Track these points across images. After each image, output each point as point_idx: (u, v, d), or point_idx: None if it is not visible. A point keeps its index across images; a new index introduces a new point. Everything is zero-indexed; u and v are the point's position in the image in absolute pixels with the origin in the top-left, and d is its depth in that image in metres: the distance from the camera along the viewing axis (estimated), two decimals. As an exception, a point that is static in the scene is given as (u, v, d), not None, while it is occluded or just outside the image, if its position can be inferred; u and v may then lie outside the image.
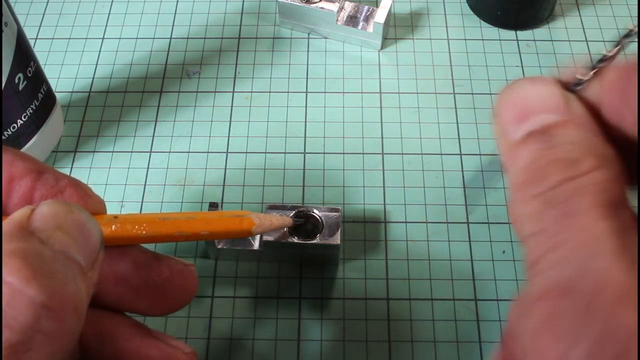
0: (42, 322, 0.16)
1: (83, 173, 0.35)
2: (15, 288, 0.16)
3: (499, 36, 0.40)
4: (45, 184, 0.21)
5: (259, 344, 0.29)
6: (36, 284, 0.16)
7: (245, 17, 0.42)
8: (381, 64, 0.39)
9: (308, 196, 0.34)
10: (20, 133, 0.32)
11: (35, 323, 0.16)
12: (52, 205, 0.19)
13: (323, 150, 0.36)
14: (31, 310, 0.16)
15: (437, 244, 0.32)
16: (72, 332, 0.17)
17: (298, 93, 0.38)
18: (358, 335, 0.30)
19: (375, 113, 0.37)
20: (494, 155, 0.22)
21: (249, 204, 0.34)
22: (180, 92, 0.38)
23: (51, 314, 0.16)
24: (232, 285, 0.31)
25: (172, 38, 0.41)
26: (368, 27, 0.39)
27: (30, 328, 0.16)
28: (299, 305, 0.31)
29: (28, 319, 0.16)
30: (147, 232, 0.22)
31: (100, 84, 0.39)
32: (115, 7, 0.42)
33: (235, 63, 0.39)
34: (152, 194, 0.34)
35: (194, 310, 0.30)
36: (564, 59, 0.39)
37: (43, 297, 0.16)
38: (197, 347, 0.29)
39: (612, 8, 0.42)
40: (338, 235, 0.29)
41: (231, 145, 0.36)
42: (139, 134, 0.36)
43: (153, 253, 0.24)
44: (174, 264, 0.24)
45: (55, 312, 0.16)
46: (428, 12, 0.42)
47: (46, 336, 0.16)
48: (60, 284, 0.17)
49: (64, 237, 0.18)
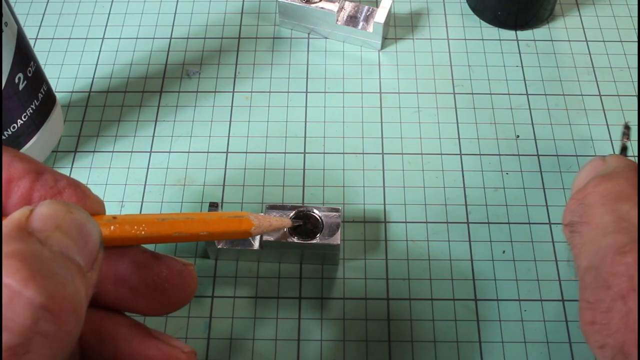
0: (41, 323, 0.16)
1: (83, 173, 0.35)
2: (13, 290, 0.16)
3: (499, 36, 0.40)
4: (44, 184, 0.21)
5: (259, 344, 0.29)
6: (35, 285, 0.16)
7: (245, 17, 0.42)
8: (381, 64, 0.39)
9: (308, 196, 0.34)
10: (20, 133, 0.32)
11: (34, 325, 0.16)
12: (51, 205, 0.19)
13: (323, 150, 0.36)
14: (30, 311, 0.16)
15: (437, 244, 0.32)
16: (71, 333, 0.17)
17: (298, 93, 0.38)
18: (358, 335, 0.30)
19: (375, 113, 0.37)
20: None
21: (249, 204, 0.34)
22: (180, 92, 0.38)
23: (50, 316, 0.16)
24: (232, 285, 0.31)
25: (172, 38, 0.41)
26: (368, 27, 0.39)
27: (29, 330, 0.16)
28: (299, 305, 0.31)
29: (27, 321, 0.16)
30: (146, 233, 0.22)
31: (100, 84, 0.39)
32: (115, 7, 0.42)
33: (235, 63, 0.39)
34: (152, 194, 0.34)
35: (194, 310, 0.30)
36: (564, 59, 0.39)
37: (42, 298, 0.16)
38: (197, 347, 0.29)
39: (612, 8, 0.42)
40: (338, 235, 0.29)
41: (231, 145, 0.36)
42: (139, 134, 0.36)
43: (152, 253, 0.24)
44: (173, 264, 0.24)
45: (54, 314, 0.16)
46: (428, 12, 0.42)
47: (45, 338, 0.16)
48: (59, 285, 0.17)
49: (63, 238, 0.18)
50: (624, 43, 0.40)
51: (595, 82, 0.38)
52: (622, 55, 0.39)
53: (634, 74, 0.39)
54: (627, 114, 0.37)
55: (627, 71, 0.39)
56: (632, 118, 0.37)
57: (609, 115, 0.37)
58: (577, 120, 0.37)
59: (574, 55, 0.39)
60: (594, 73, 0.39)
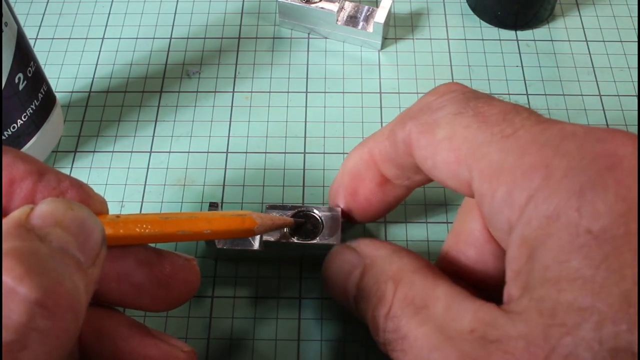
0: (37, 320, 0.16)
1: (83, 173, 0.35)
2: (8, 287, 0.16)
3: (499, 36, 0.40)
4: (47, 185, 0.21)
5: (259, 344, 0.29)
6: (29, 281, 0.16)
7: (245, 17, 0.42)
8: (381, 64, 0.39)
9: (308, 196, 0.34)
10: (20, 133, 0.32)
11: (29, 321, 0.16)
12: (52, 203, 0.19)
13: (323, 150, 0.36)
14: (25, 308, 0.16)
15: (437, 244, 0.32)
16: (68, 329, 0.17)
17: (298, 93, 0.38)
18: (358, 335, 0.30)
19: (375, 113, 0.37)
20: None
21: (249, 204, 0.34)
22: (180, 92, 0.38)
23: (46, 312, 0.16)
24: (232, 285, 0.31)
25: (172, 38, 0.41)
26: (368, 27, 0.39)
27: (25, 326, 0.16)
28: (299, 305, 0.30)
29: (22, 317, 0.16)
30: (149, 232, 0.22)
31: (100, 84, 0.39)
32: (115, 7, 0.42)
33: (235, 63, 0.39)
34: (152, 194, 0.34)
35: (194, 310, 0.30)
36: (564, 59, 0.39)
37: (37, 294, 0.16)
38: (197, 347, 0.29)
39: (612, 8, 0.42)
40: (338, 235, 0.29)
41: (231, 145, 0.36)
42: (139, 134, 0.36)
43: (155, 249, 0.24)
44: (176, 260, 0.24)
45: (50, 310, 0.16)
46: (428, 12, 0.42)
47: (41, 334, 0.16)
48: (55, 282, 0.17)
49: (62, 234, 0.18)
50: (624, 43, 0.40)
51: (595, 82, 0.38)
52: (622, 55, 0.39)
53: (634, 74, 0.39)
54: (627, 114, 0.37)
55: (627, 71, 0.39)
56: (632, 118, 0.37)
57: (609, 115, 0.37)
58: (577, 120, 0.37)
59: (574, 55, 0.39)
60: (594, 73, 0.39)
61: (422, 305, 0.21)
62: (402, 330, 0.21)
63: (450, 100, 0.22)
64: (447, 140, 0.21)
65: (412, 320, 0.21)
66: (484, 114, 0.21)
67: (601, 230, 0.17)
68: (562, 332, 0.17)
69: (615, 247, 0.17)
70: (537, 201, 0.18)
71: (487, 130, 0.20)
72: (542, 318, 0.17)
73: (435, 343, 0.19)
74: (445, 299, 0.21)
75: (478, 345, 0.18)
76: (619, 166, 0.18)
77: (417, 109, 0.24)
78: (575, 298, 0.17)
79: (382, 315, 0.22)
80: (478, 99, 0.22)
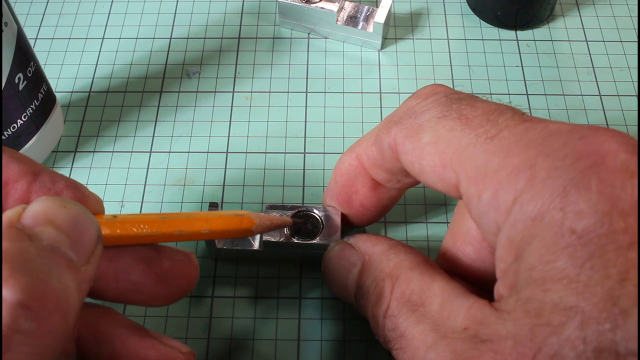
0: (21, 321, 0.16)
1: (83, 173, 0.35)
2: None
3: (499, 36, 0.40)
4: (41, 186, 0.21)
5: (259, 344, 0.29)
6: (13, 283, 0.16)
7: (245, 17, 0.42)
8: (381, 64, 0.39)
9: (308, 196, 0.34)
10: (20, 133, 0.32)
11: (13, 323, 0.16)
12: (45, 201, 0.18)
13: (323, 150, 0.36)
14: (7, 310, 0.16)
15: (437, 244, 0.32)
16: (55, 330, 0.17)
17: (298, 93, 0.38)
18: (358, 335, 0.30)
19: (375, 113, 0.37)
20: None
21: (249, 204, 0.34)
22: (180, 92, 0.38)
23: (30, 313, 0.16)
24: (232, 285, 0.31)
25: (172, 38, 0.41)
26: (368, 27, 0.39)
27: (8, 328, 0.15)
28: (299, 305, 0.30)
29: (5, 319, 0.15)
30: (147, 232, 0.22)
31: (100, 84, 0.39)
32: (115, 7, 0.42)
33: (235, 63, 0.39)
34: (152, 194, 0.34)
35: (193, 310, 0.30)
36: (564, 59, 0.39)
37: (20, 296, 0.16)
38: (197, 347, 0.29)
39: (612, 8, 0.42)
40: (338, 235, 0.29)
41: (231, 145, 0.36)
42: (139, 134, 0.36)
43: (153, 245, 0.24)
44: (174, 254, 0.24)
45: (34, 311, 0.16)
46: (428, 12, 0.42)
47: (26, 336, 0.16)
48: (40, 282, 0.16)
49: (54, 232, 0.18)
50: (624, 43, 0.40)
51: (595, 82, 0.38)
52: (622, 55, 0.39)
53: (634, 74, 0.39)
54: (627, 114, 0.37)
55: (627, 71, 0.39)
56: (632, 118, 0.37)
57: (609, 115, 0.37)
58: (577, 120, 0.37)
59: (574, 55, 0.39)
60: (594, 73, 0.39)
61: (419, 303, 0.21)
62: (399, 329, 0.21)
63: (434, 103, 0.22)
64: (433, 145, 0.21)
65: (409, 318, 0.21)
66: (467, 116, 0.21)
67: (585, 230, 0.17)
68: (548, 332, 0.17)
69: (599, 247, 0.17)
70: (522, 202, 0.18)
71: (471, 133, 0.20)
72: (528, 318, 0.17)
73: (430, 342, 0.20)
74: (441, 295, 0.21)
75: (471, 344, 0.19)
76: (602, 164, 0.18)
77: (401, 113, 0.24)
78: (561, 298, 0.17)
79: (381, 313, 0.22)
80: (461, 101, 0.22)
